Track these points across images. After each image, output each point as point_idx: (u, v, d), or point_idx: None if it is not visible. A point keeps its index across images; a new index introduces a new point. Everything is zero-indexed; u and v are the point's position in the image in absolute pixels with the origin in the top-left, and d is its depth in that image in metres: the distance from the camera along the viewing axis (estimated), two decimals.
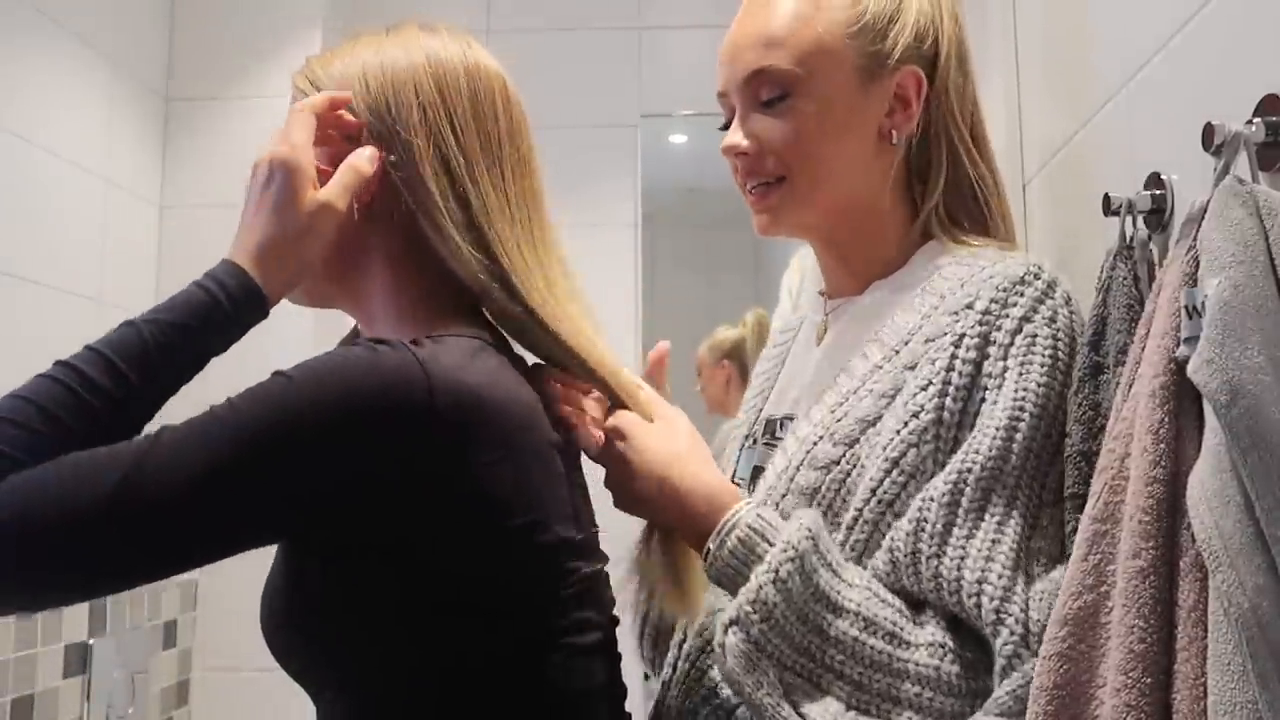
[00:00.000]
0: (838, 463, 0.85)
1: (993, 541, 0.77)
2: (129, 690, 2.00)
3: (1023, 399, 0.80)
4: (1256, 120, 0.69)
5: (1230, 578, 0.57)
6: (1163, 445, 0.65)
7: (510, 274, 0.80)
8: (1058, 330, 0.83)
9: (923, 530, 0.79)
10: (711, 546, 0.81)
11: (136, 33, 2.34)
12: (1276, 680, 0.55)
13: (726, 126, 0.97)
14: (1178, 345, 0.66)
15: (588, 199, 2.63)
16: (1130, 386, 0.71)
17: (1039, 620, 0.74)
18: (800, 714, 0.76)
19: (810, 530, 0.79)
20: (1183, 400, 0.65)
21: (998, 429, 0.79)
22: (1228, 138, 0.70)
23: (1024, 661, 0.73)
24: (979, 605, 0.75)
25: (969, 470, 0.79)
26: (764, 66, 0.91)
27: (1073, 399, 0.80)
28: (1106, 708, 0.65)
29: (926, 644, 0.77)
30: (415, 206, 0.80)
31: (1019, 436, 0.79)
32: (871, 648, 0.76)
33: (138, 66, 2.34)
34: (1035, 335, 0.82)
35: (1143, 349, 0.71)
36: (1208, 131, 0.71)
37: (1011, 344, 0.82)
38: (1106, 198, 0.88)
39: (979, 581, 0.75)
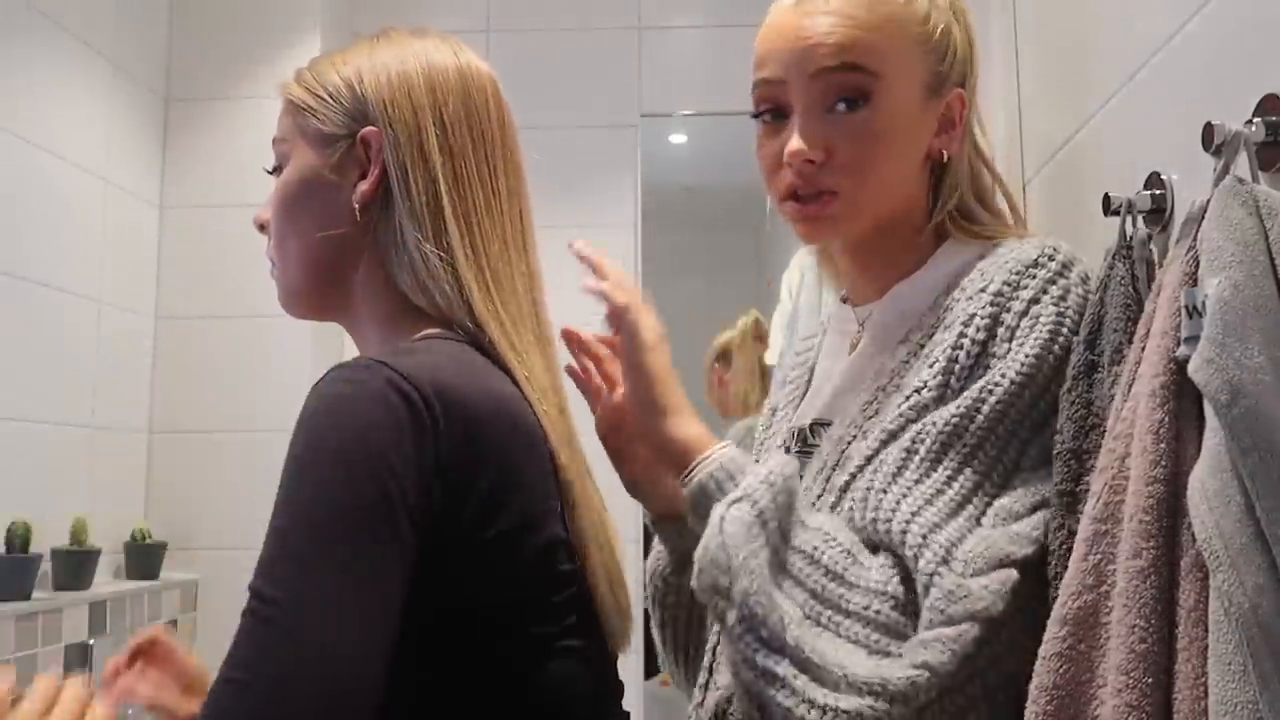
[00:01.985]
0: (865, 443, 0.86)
1: (935, 492, 0.78)
2: None
3: (1008, 367, 0.80)
4: (1256, 120, 0.69)
5: (1231, 577, 0.57)
6: (1163, 445, 0.65)
7: (472, 295, 0.81)
8: (1067, 308, 0.83)
9: (878, 471, 0.80)
10: (698, 464, 0.83)
11: (136, 33, 2.34)
12: (1277, 680, 0.55)
13: (762, 116, 0.93)
14: (1178, 345, 0.66)
15: (588, 199, 2.63)
16: (1130, 386, 0.71)
17: (971, 552, 0.74)
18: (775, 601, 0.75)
19: (792, 466, 0.82)
20: (1183, 400, 0.65)
21: (969, 392, 0.80)
22: (1228, 138, 0.70)
23: (944, 579, 0.73)
24: (904, 539, 0.76)
25: (933, 424, 0.80)
26: (849, 62, 0.86)
27: (1065, 396, 0.80)
28: (1107, 708, 0.65)
29: (879, 565, 0.78)
30: (400, 209, 0.82)
31: (991, 400, 0.80)
32: (829, 558, 0.77)
33: (138, 66, 2.34)
34: (1040, 315, 0.82)
35: (1143, 349, 0.71)
36: (1208, 131, 0.71)
37: (1018, 325, 0.82)
38: (1106, 198, 0.88)
39: (907, 520, 0.77)
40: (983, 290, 0.84)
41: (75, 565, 1.93)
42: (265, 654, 0.64)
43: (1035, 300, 0.83)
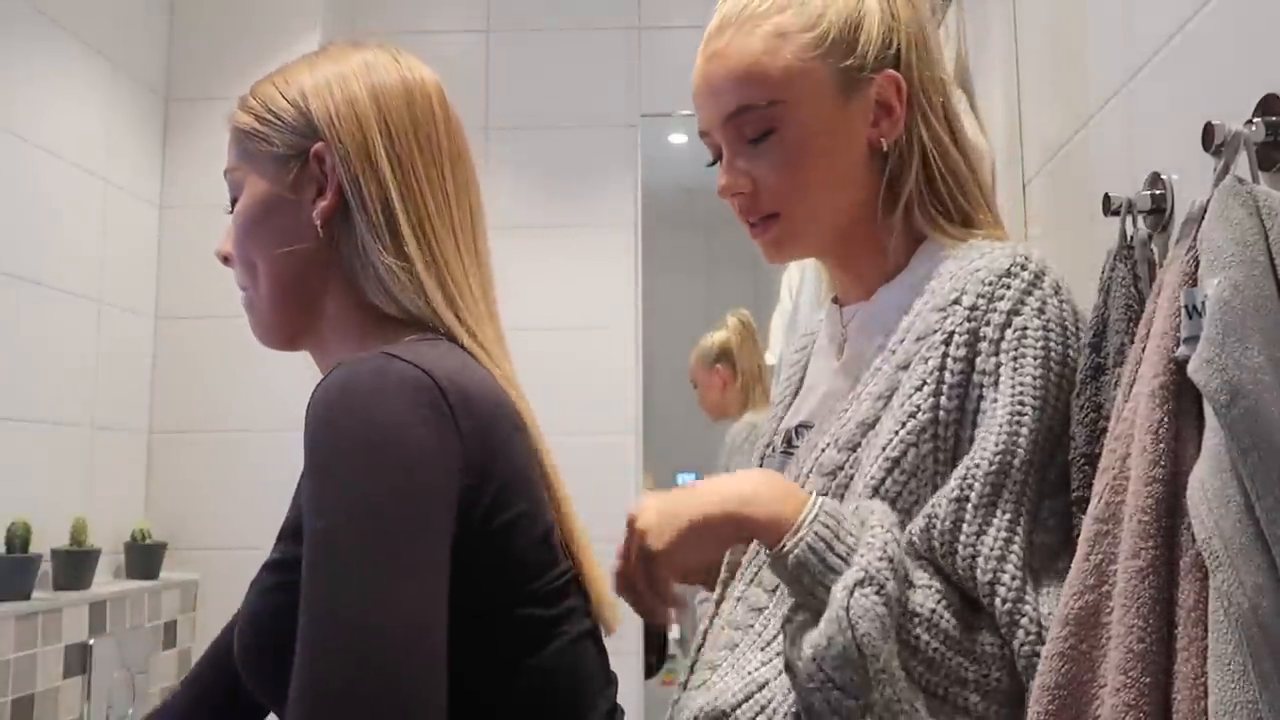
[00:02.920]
0: (841, 468, 0.86)
1: (1005, 541, 0.77)
2: (129, 690, 2.00)
3: (1021, 394, 0.80)
4: (1256, 120, 0.69)
5: (1230, 577, 0.57)
6: (1162, 445, 0.65)
7: (435, 301, 0.82)
8: (1048, 321, 0.82)
9: (933, 527, 0.79)
10: (802, 523, 0.77)
11: (136, 33, 2.34)
12: (1277, 680, 0.55)
13: (715, 163, 0.97)
14: (1178, 345, 0.66)
15: (588, 199, 2.63)
16: (1131, 386, 0.71)
17: (1050, 615, 0.75)
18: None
19: (893, 516, 0.79)
20: (1183, 400, 0.65)
21: (1001, 426, 0.79)
22: (1228, 138, 0.70)
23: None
24: (992, 606, 0.76)
25: (977, 467, 0.79)
26: (743, 105, 0.91)
27: (1075, 401, 0.80)
28: (1106, 707, 0.65)
29: (990, 626, 0.77)
30: (358, 222, 0.83)
31: (1024, 432, 0.79)
32: (948, 622, 0.76)
33: (138, 66, 2.34)
34: (1025, 328, 0.82)
35: (1143, 349, 0.71)
36: (1208, 131, 0.71)
37: (1002, 339, 0.82)
38: (1106, 198, 0.88)
39: (991, 584, 0.76)
40: (956, 303, 0.84)
41: (75, 565, 1.93)
42: (333, 661, 0.63)
43: (1015, 312, 0.82)
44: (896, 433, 0.83)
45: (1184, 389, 0.65)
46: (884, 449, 0.83)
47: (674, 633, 2.57)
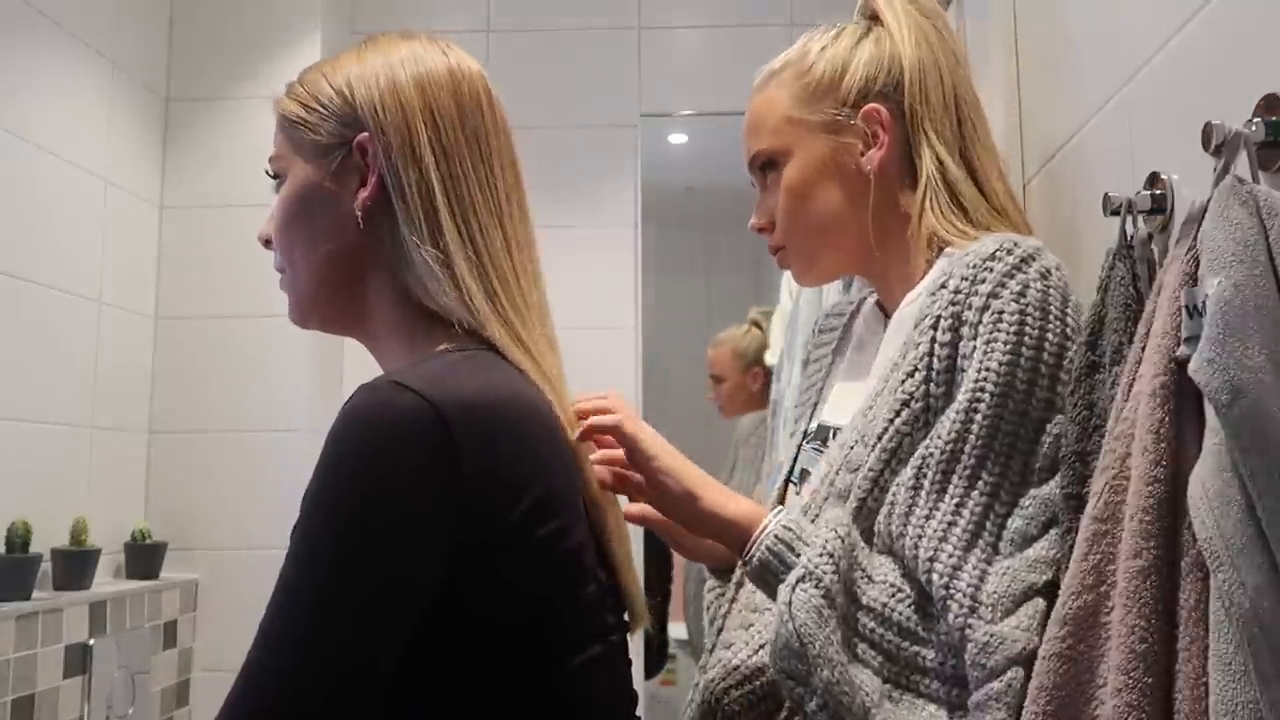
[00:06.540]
0: (865, 462, 0.87)
1: (948, 523, 0.79)
2: (129, 690, 2.00)
3: (983, 380, 0.81)
4: (1256, 120, 0.69)
5: (1231, 577, 0.57)
6: (1163, 445, 0.65)
7: (473, 297, 0.81)
8: (1026, 305, 0.82)
9: (891, 514, 0.82)
10: (755, 541, 0.85)
11: (136, 33, 2.34)
12: (1278, 680, 0.55)
13: None
14: (1178, 345, 0.66)
15: (588, 199, 2.63)
16: (1131, 386, 0.71)
17: (996, 591, 0.76)
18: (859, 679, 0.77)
19: (846, 519, 0.84)
20: (1184, 400, 0.65)
21: (957, 413, 0.81)
22: (1228, 137, 0.70)
23: (975, 630, 0.75)
24: (929, 583, 0.77)
25: (931, 454, 0.81)
26: (754, 153, 1.04)
27: (1068, 399, 0.80)
28: (1108, 708, 0.65)
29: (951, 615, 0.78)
30: (399, 216, 0.81)
31: (978, 417, 0.80)
32: (901, 614, 0.79)
33: (138, 66, 2.34)
34: (1001, 312, 0.83)
35: (1143, 349, 0.71)
36: (1208, 131, 0.71)
37: (980, 322, 0.83)
38: (1106, 197, 0.88)
39: (930, 559, 0.78)
40: (943, 288, 0.86)
41: (75, 565, 1.93)
42: (248, 699, 0.69)
43: (994, 295, 0.83)
44: (891, 421, 0.85)
45: (1185, 389, 0.65)
46: (880, 438, 0.85)
47: (674, 631, 2.57)
